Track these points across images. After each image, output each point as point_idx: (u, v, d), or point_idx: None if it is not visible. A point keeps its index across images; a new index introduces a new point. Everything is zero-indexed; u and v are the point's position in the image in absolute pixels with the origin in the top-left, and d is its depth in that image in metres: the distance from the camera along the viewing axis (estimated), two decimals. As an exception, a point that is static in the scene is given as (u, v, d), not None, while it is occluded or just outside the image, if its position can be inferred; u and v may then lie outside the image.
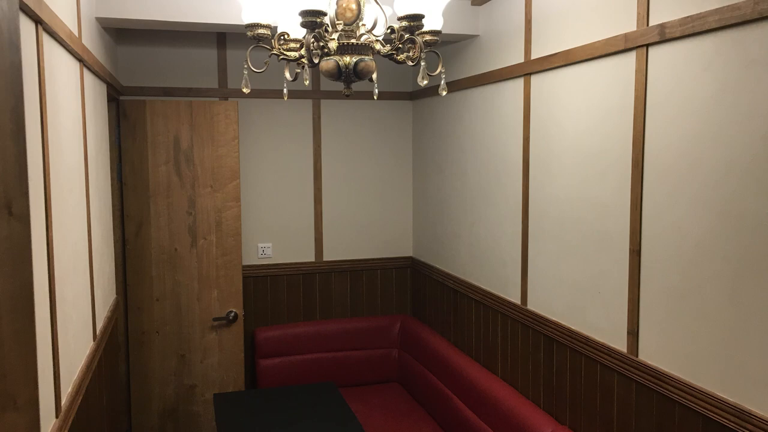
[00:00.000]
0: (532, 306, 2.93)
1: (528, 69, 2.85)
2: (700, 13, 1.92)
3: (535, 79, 2.83)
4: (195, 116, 3.81)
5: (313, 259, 4.28)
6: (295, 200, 4.22)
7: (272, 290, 4.22)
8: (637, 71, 2.20)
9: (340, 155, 4.29)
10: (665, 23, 2.06)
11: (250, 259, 4.14)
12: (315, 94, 4.16)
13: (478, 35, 3.33)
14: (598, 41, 2.38)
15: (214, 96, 3.99)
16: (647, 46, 2.15)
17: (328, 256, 4.30)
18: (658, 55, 2.12)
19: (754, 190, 1.78)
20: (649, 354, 2.21)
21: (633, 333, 2.28)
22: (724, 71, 1.87)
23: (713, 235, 1.93)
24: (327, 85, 4.18)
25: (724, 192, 1.88)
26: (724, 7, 1.84)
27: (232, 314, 3.89)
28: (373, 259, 4.38)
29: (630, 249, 2.28)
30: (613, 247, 2.37)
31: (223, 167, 3.85)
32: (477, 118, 3.39)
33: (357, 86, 4.05)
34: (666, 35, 2.06)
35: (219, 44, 3.98)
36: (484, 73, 3.25)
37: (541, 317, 2.83)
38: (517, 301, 3.05)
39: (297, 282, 4.26)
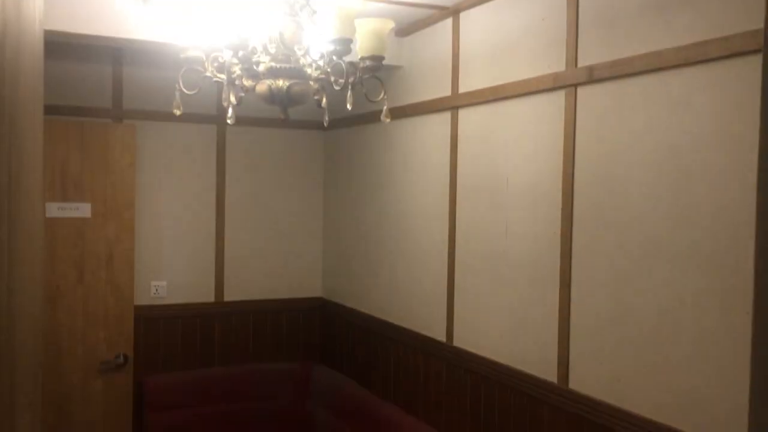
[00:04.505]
0: (458, 343, 3.18)
1: (456, 102, 3.16)
2: (627, 58, 2.30)
3: (463, 113, 3.14)
4: (86, 139, 3.80)
5: (212, 300, 4.31)
6: (195, 234, 4.26)
7: (165, 335, 4.19)
8: (566, 109, 2.55)
9: (245, 186, 4.39)
10: (593, 65, 2.43)
11: (141, 298, 4.11)
12: (220, 119, 4.24)
13: (401, 66, 3.63)
14: (530, 78, 2.72)
15: (106, 117, 4.00)
16: (576, 86, 2.52)
17: (229, 296, 4.35)
18: (586, 93, 2.48)
19: (677, 222, 2.14)
20: (579, 383, 2.51)
21: (563, 363, 2.57)
22: (648, 111, 2.24)
23: (639, 265, 2.27)
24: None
25: (648, 224, 2.23)
26: (649, 53, 2.23)
27: (122, 357, 3.84)
28: (278, 300, 4.48)
29: (560, 281, 2.59)
30: (543, 280, 2.67)
31: (117, 196, 3.85)
32: (400, 151, 3.65)
33: (263, 112, 4.17)
34: (594, 77, 2.43)
35: (115, 62, 4.01)
36: (409, 105, 3.54)
37: (469, 353, 3.08)
38: (442, 339, 3.28)
39: (193, 326, 4.26)
